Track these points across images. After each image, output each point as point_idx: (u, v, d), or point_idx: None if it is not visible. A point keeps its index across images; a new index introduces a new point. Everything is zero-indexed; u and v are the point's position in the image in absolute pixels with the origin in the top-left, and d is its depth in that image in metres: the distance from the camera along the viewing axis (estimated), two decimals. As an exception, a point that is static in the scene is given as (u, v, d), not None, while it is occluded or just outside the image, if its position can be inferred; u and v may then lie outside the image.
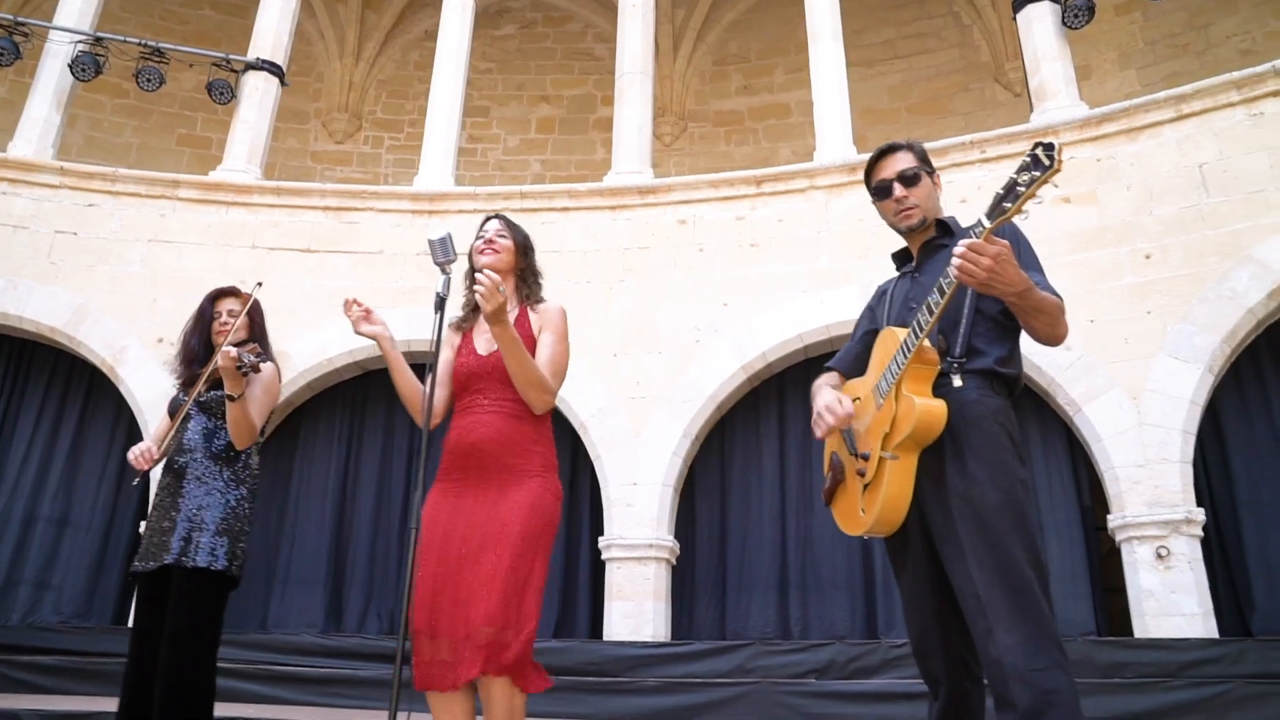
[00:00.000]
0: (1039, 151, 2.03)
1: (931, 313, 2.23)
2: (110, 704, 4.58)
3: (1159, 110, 6.99)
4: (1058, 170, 2.02)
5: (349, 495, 8.04)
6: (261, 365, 3.10)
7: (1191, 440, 6.34)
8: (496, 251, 2.84)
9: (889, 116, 11.41)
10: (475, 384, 2.72)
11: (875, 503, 2.34)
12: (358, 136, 12.40)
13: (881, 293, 2.76)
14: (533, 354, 2.73)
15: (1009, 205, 2.08)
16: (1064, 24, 7.75)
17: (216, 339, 3.34)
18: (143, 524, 7.24)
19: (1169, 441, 6.30)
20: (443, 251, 2.72)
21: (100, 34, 8.61)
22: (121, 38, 8.77)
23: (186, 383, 3.35)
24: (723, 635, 7.19)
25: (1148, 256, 6.71)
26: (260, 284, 3.59)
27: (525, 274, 2.94)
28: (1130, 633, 6.25)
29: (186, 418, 3.27)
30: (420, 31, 12.52)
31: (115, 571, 7.61)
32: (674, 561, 7.34)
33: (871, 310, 2.76)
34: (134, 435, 7.82)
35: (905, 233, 2.64)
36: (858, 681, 5.37)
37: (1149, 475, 6.28)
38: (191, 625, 2.95)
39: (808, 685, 5.17)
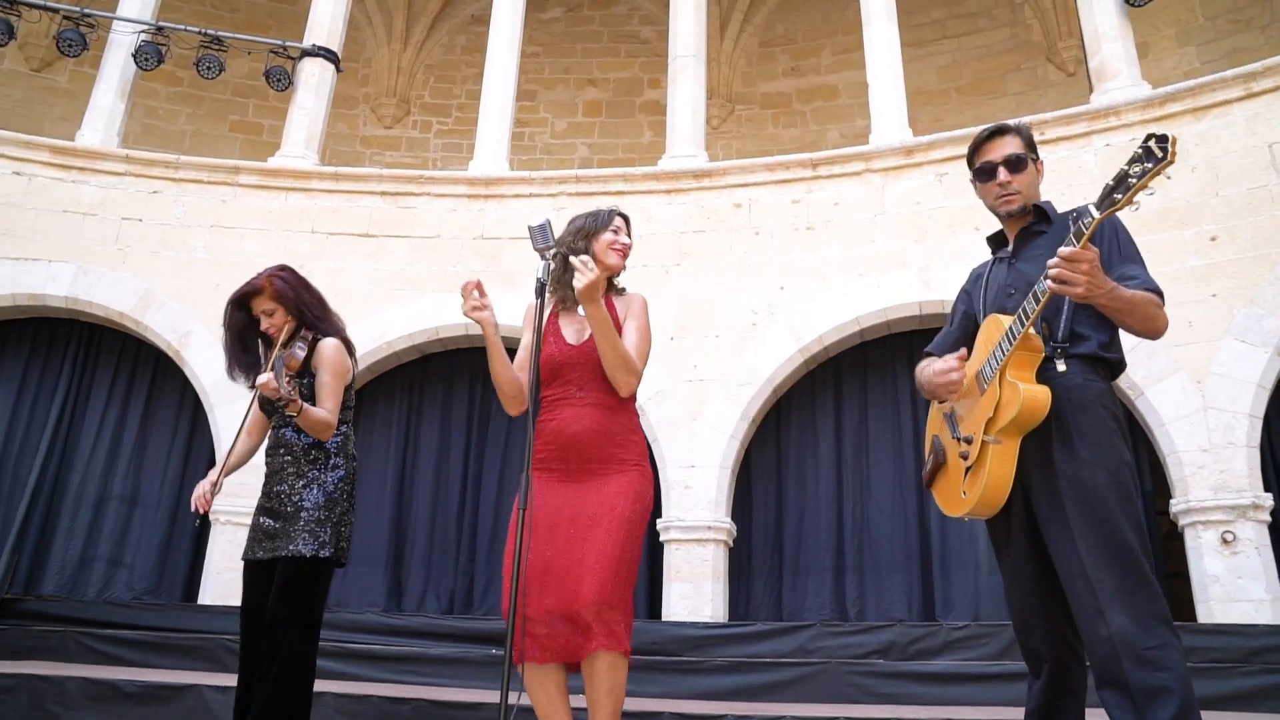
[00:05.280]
0: (1151, 143, 2.01)
1: (1038, 300, 2.24)
2: (194, 678, 4.76)
3: (1226, 89, 6.87)
4: (1171, 162, 2.00)
5: (407, 476, 8.18)
6: (299, 386, 3.10)
7: (1259, 424, 6.28)
8: (625, 256, 2.89)
9: (938, 97, 11.29)
10: (567, 374, 2.76)
11: (977, 485, 2.37)
12: (406, 121, 12.50)
13: (976, 276, 2.76)
14: None
15: (1119, 197, 2.06)
16: (1126, 1, 7.63)
17: (277, 339, 3.29)
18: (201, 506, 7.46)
19: (1235, 426, 6.24)
20: (542, 238, 2.72)
21: (162, 23, 8.75)
22: (183, 27, 8.92)
23: (236, 379, 3.36)
24: (779, 617, 7.26)
25: (1213, 239, 6.62)
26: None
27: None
28: (1192, 618, 6.23)
29: (276, 419, 3.29)
30: (467, 16, 12.58)
31: (184, 549, 7.83)
32: (731, 543, 7.40)
33: (967, 294, 2.77)
34: (199, 416, 8.02)
35: (1003, 217, 2.64)
36: (923, 662, 5.41)
37: (1214, 460, 6.23)
38: (291, 612, 3.02)
39: (875, 665, 5.21)
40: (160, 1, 9.21)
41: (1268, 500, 6.11)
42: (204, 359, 7.75)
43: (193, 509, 3.15)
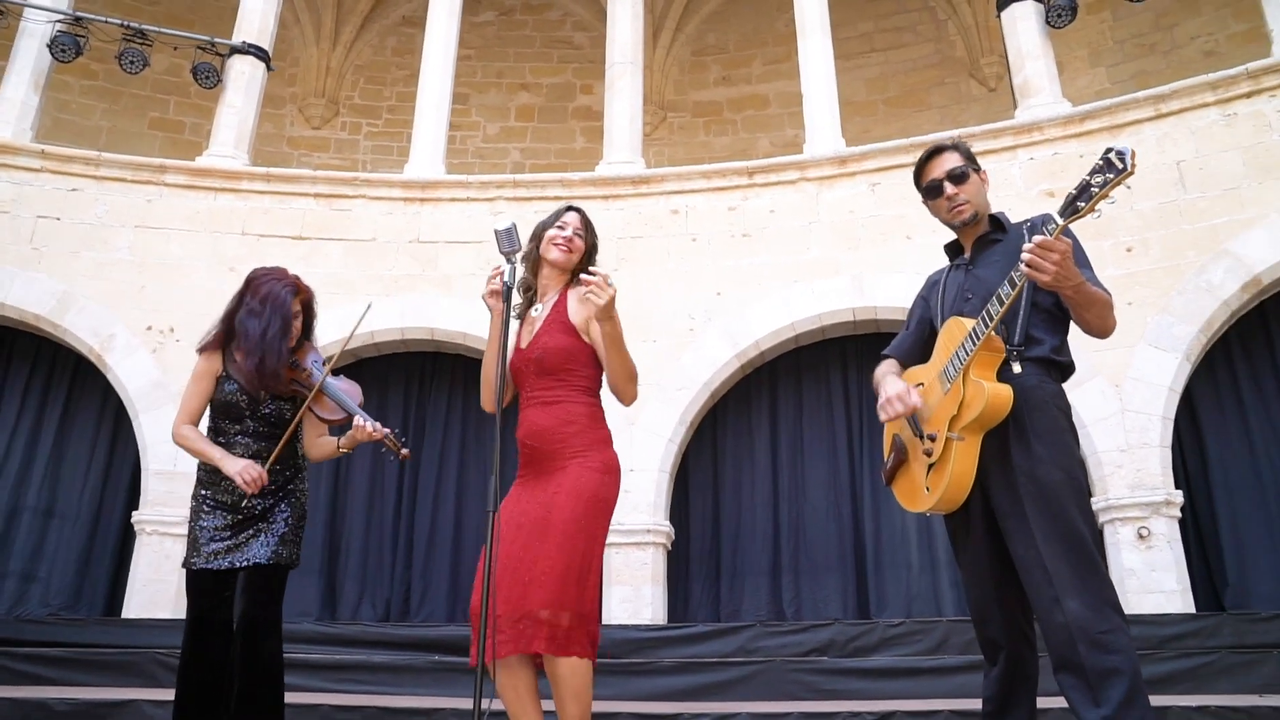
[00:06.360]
0: (1112, 155, 2.16)
1: (1001, 303, 2.37)
2: (129, 693, 4.59)
3: (1139, 109, 7.25)
4: (1131, 173, 2.14)
5: (341, 482, 8.03)
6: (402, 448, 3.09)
7: (1170, 425, 6.62)
8: (569, 252, 2.86)
9: (866, 109, 11.60)
10: (519, 379, 2.81)
11: (941, 481, 2.48)
12: (335, 122, 12.27)
13: (933, 283, 2.88)
14: (568, 335, 2.76)
15: (1082, 205, 2.20)
16: (1047, 23, 7.98)
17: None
18: (135, 513, 7.17)
19: (1149, 427, 6.58)
20: (508, 242, 2.71)
21: (80, 14, 8.42)
22: (103, 18, 8.60)
23: (257, 387, 3.11)
24: (718, 618, 7.36)
25: (1129, 250, 6.97)
26: (370, 305, 3.52)
27: (578, 271, 2.96)
28: (1111, 610, 6.52)
29: (244, 426, 3.16)
30: (398, 17, 12.42)
31: (105, 563, 7.53)
32: (669, 546, 7.47)
33: (925, 300, 2.89)
34: (121, 423, 7.73)
35: (958, 228, 2.76)
36: (863, 659, 5.55)
37: (1131, 459, 6.55)
38: (267, 617, 3.00)
39: (818, 663, 5.33)
40: (76, -9, 8.88)
41: (1178, 497, 6.46)
42: (128, 364, 7.48)
43: (253, 488, 2.99)
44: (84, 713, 4.03)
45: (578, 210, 2.94)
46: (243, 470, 3.00)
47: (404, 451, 3.04)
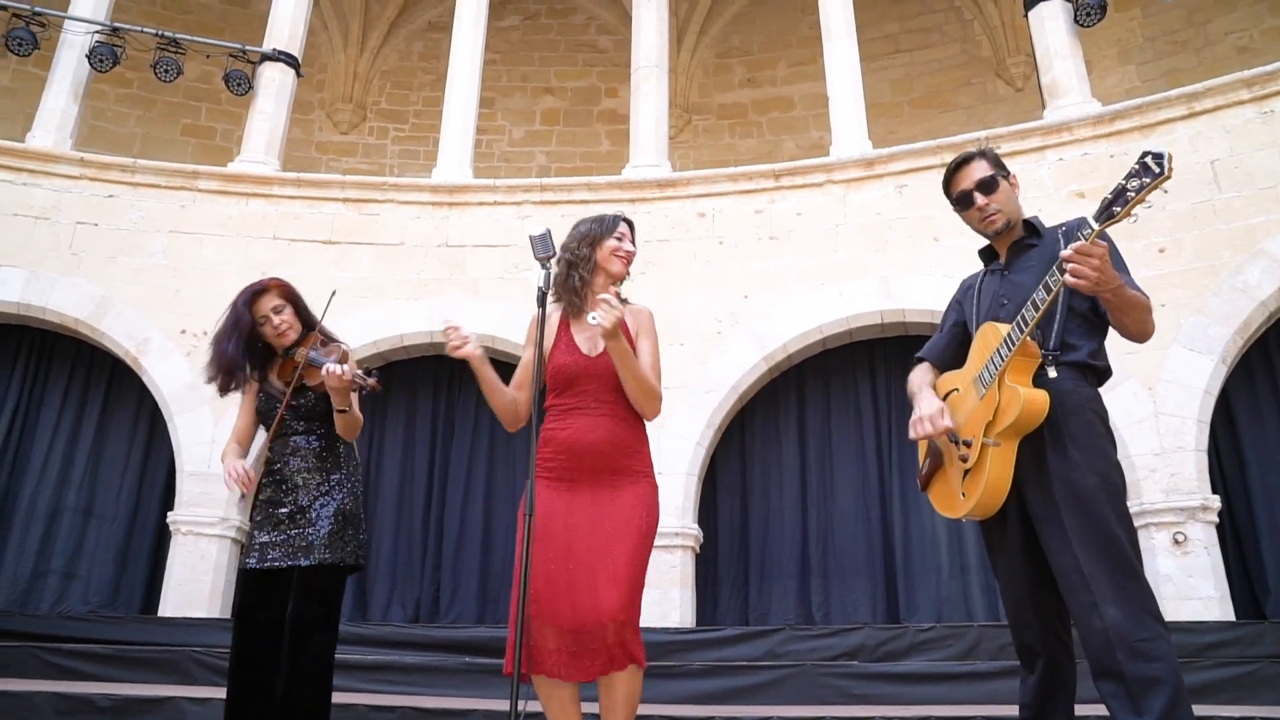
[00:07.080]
0: (1148, 159, 2.15)
1: (1037, 309, 2.36)
2: (168, 690, 4.67)
3: (1171, 108, 7.17)
4: (1168, 178, 2.14)
5: (371, 484, 8.11)
6: (368, 379, 3.08)
7: (1206, 429, 6.54)
8: (628, 263, 2.92)
9: (891, 110, 11.55)
10: (582, 384, 2.74)
11: (977, 487, 2.47)
12: (362, 127, 12.39)
13: (967, 287, 2.87)
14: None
15: (1118, 210, 2.20)
16: (1076, 21, 7.92)
17: (278, 341, 3.30)
18: (171, 514, 7.29)
19: (1184, 430, 6.50)
20: (543, 247, 2.72)
21: (117, 24, 8.57)
22: (139, 28, 8.74)
23: (224, 387, 3.29)
24: (746, 621, 7.36)
25: (1161, 250, 6.90)
26: (335, 292, 3.58)
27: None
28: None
29: (282, 427, 3.25)
30: (423, 22, 12.52)
31: (141, 562, 7.66)
32: (698, 550, 7.48)
33: (959, 303, 2.88)
34: (157, 425, 7.85)
35: (992, 237, 2.75)
36: (894, 664, 5.53)
37: (1165, 463, 6.48)
38: (318, 618, 3.03)
39: (849, 667, 5.31)
40: (113, 2, 9.02)
41: (1215, 502, 6.37)
42: (163, 367, 7.60)
43: (242, 488, 3.04)
44: (125, 708, 4.10)
45: (629, 222, 2.97)
46: (228, 469, 3.08)
47: (371, 381, 3.06)
